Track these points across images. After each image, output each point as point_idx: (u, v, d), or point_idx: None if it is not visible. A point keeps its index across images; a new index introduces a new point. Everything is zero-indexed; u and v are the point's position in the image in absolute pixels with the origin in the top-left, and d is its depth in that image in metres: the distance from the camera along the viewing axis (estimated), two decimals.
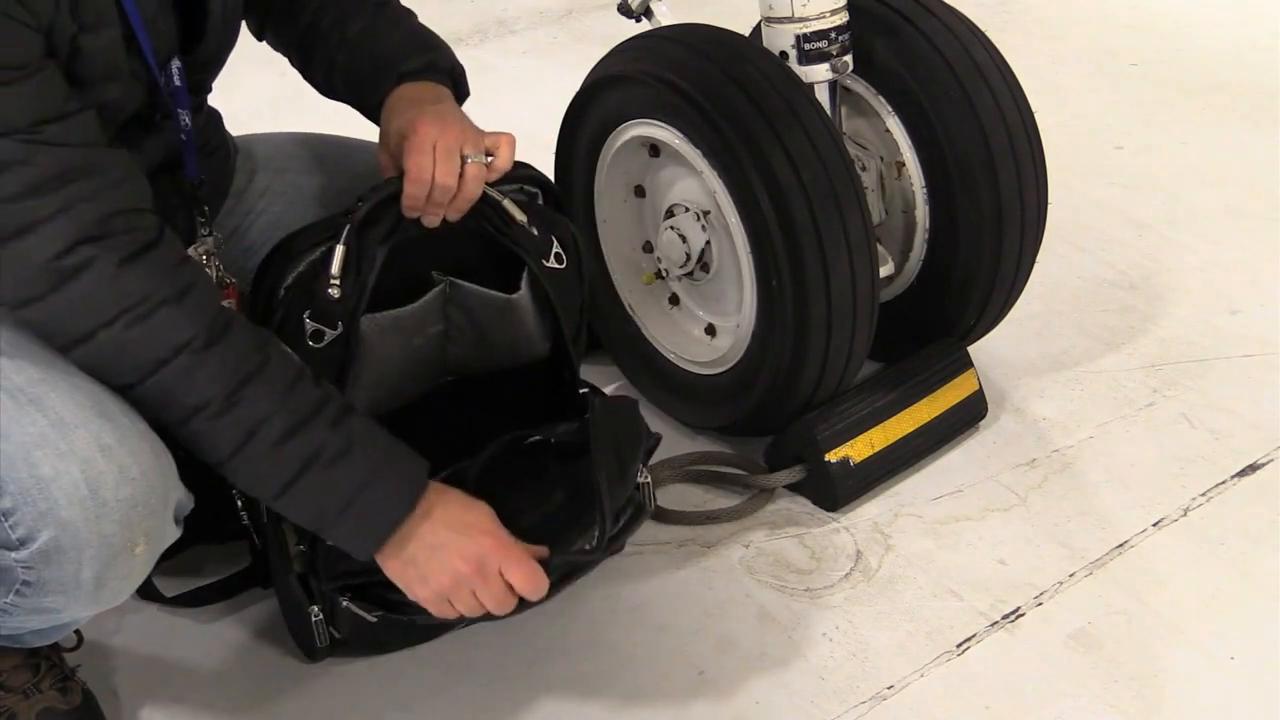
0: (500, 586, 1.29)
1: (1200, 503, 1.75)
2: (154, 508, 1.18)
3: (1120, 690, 1.48)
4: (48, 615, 1.22)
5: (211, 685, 1.50)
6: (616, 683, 1.50)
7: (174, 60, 1.34)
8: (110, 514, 1.14)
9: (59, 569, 1.15)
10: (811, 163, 1.59)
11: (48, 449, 1.13)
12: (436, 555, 1.27)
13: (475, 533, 1.28)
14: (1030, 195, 1.78)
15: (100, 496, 1.14)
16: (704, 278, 1.79)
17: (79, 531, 1.14)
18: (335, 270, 1.33)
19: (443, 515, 1.28)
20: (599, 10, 3.33)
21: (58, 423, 1.14)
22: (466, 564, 1.27)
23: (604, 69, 1.80)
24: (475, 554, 1.27)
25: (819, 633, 1.56)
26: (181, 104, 1.35)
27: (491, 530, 1.30)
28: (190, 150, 1.38)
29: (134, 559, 1.18)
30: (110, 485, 1.14)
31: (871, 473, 1.75)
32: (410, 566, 1.28)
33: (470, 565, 1.27)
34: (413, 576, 1.28)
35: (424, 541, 1.27)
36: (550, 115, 1.90)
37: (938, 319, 1.86)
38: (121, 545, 1.16)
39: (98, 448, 1.14)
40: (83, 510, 1.13)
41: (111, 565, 1.17)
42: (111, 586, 1.19)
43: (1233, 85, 2.94)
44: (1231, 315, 2.15)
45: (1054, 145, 1.87)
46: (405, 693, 1.48)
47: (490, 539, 1.29)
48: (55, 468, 1.13)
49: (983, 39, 1.79)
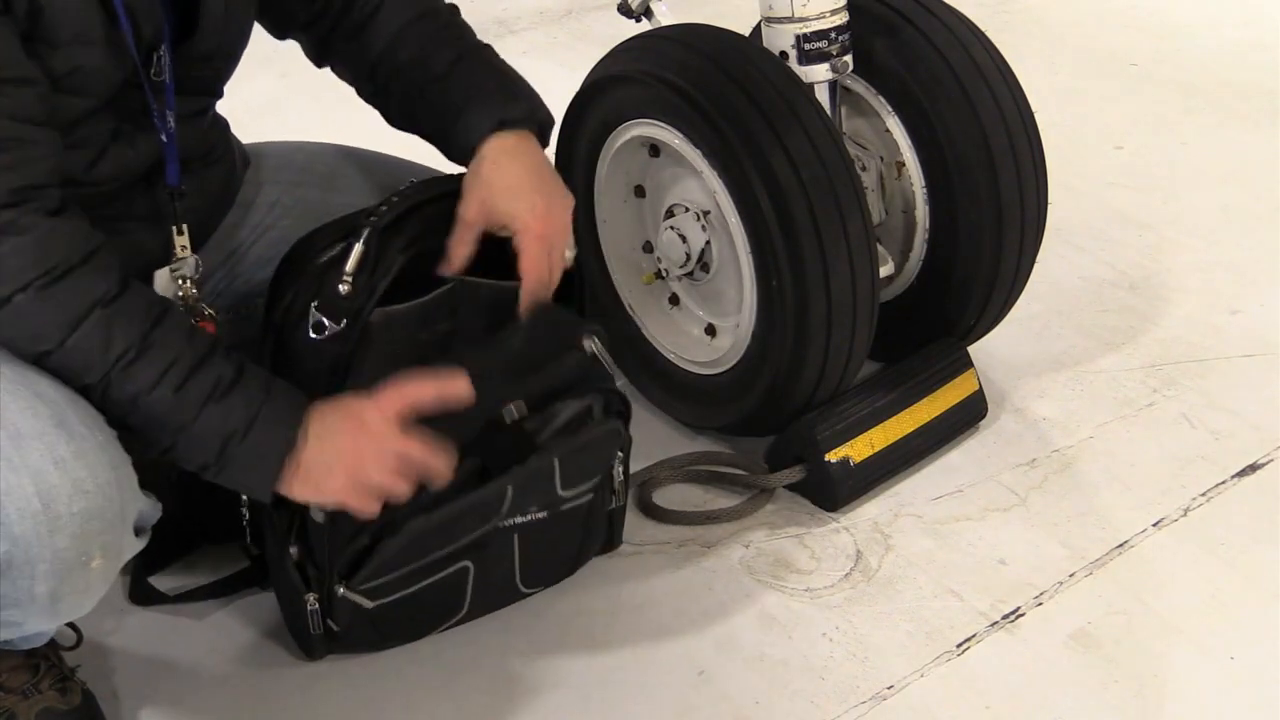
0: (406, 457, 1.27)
1: (1200, 503, 1.75)
2: (110, 521, 1.17)
3: (1120, 690, 1.48)
4: (10, 628, 1.22)
5: (211, 685, 1.50)
6: (617, 683, 1.50)
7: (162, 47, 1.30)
8: (64, 529, 1.13)
9: (12, 584, 1.14)
10: (811, 163, 1.59)
11: (1, 462, 1.11)
12: (329, 462, 1.25)
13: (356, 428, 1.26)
14: (1030, 195, 1.78)
15: (53, 510, 1.12)
16: (704, 278, 1.79)
17: (31, 546, 1.12)
18: (350, 267, 1.33)
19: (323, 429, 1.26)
20: (599, 10, 3.33)
21: (13, 435, 1.12)
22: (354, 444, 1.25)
23: (604, 69, 1.80)
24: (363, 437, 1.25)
25: (819, 633, 1.56)
26: (168, 102, 1.32)
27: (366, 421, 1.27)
28: (172, 155, 1.36)
29: (89, 573, 1.17)
30: (64, 499, 1.13)
31: (871, 473, 1.75)
32: (309, 472, 1.25)
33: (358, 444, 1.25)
34: (316, 493, 1.27)
35: (313, 459, 1.25)
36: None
37: (938, 319, 1.86)
38: (75, 559, 1.15)
39: (51, 461, 1.13)
40: (34, 525, 1.12)
41: (66, 579, 1.15)
42: (67, 600, 1.18)
43: (1233, 85, 2.94)
44: (1231, 315, 2.15)
45: (1054, 145, 1.87)
46: (405, 692, 1.48)
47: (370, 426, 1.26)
48: (8, 481, 1.11)
49: (983, 39, 1.79)
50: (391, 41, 1.46)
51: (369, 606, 1.41)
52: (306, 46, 1.53)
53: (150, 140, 1.33)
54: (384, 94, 1.49)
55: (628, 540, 1.68)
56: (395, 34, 1.46)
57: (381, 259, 1.35)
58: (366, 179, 1.62)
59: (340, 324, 1.35)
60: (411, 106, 1.47)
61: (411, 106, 1.47)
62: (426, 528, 1.36)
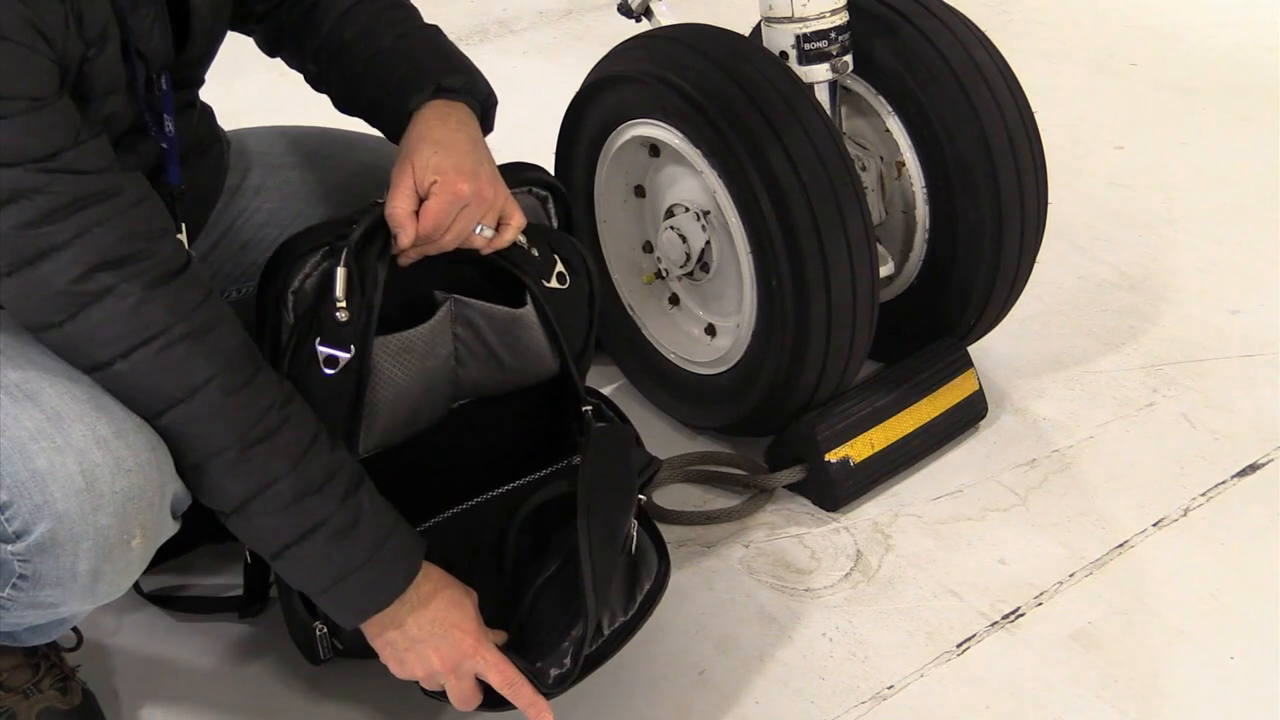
0: (470, 686, 1.32)
1: (1200, 503, 1.75)
2: (150, 500, 1.18)
3: (1120, 690, 1.48)
4: (45, 610, 1.22)
5: (211, 685, 1.50)
6: (616, 683, 1.50)
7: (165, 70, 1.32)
8: (106, 506, 1.14)
9: (55, 562, 1.15)
10: (811, 163, 1.59)
11: (44, 442, 1.13)
12: (415, 647, 1.30)
13: (457, 633, 1.30)
14: (1030, 195, 1.78)
15: (96, 489, 1.14)
16: (704, 278, 1.79)
17: (75, 524, 1.13)
18: (339, 293, 1.31)
19: (429, 611, 1.30)
20: (599, 10, 3.34)
21: (54, 416, 1.14)
22: (442, 662, 1.30)
23: (604, 69, 1.80)
24: (452, 655, 1.30)
25: (819, 633, 1.56)
26: (167, 110, 1.33)
27: (473, 632, 1.31)
28: (173, 158, 1.36)
29: (130, 551, 1.18)
30: (106, 478, 1.14)
31: (871, 473, 1.75)
32: (389, 648, 1.31)
33: (446, 664, 1.30)
34: (389, 656, 1.32)
35: (407, 631, 1.29)
36: (550, 115, 1.91)
37: (938, 319, 1.86)
38: (118, 538, 1.16)
39: (94, 440, 1.14)
40: (79, 503, 1.13)
41: (108, 558, 1.16)
42: (108, 579, 1.19)
43: (1233, 85, 2.94)
44: (1231, 315, 2.15)
45: (1054, 145, 1.87)
46: (404, 691, 1.48)
47: (471, 641, 1.30)
48: (51, 461, 1.12)
49: (983, 39, 1.79)
50: (338, 20, 1.47)
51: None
52: (260, 37, 1.53)
53: (148, 145, 1.34)
54: (329, 73, 1.49)
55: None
56: (342, 13, 1.47)
57: (365, 274, 1.33)
58: (348, 158, 1.62)
59: (350, 350, 1.33)
60: (355, 83, 1.47)
61: (355, 83, 1.47)
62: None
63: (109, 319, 1.14)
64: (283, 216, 1.57)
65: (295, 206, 1.58)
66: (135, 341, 1.15)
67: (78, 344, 1.15)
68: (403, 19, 1.48)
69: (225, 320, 1.20)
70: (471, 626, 1.31)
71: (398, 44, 1.45)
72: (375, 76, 1.44)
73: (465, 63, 1.46)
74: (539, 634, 1.36)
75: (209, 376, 1.17)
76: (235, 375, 1.19)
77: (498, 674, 1.30)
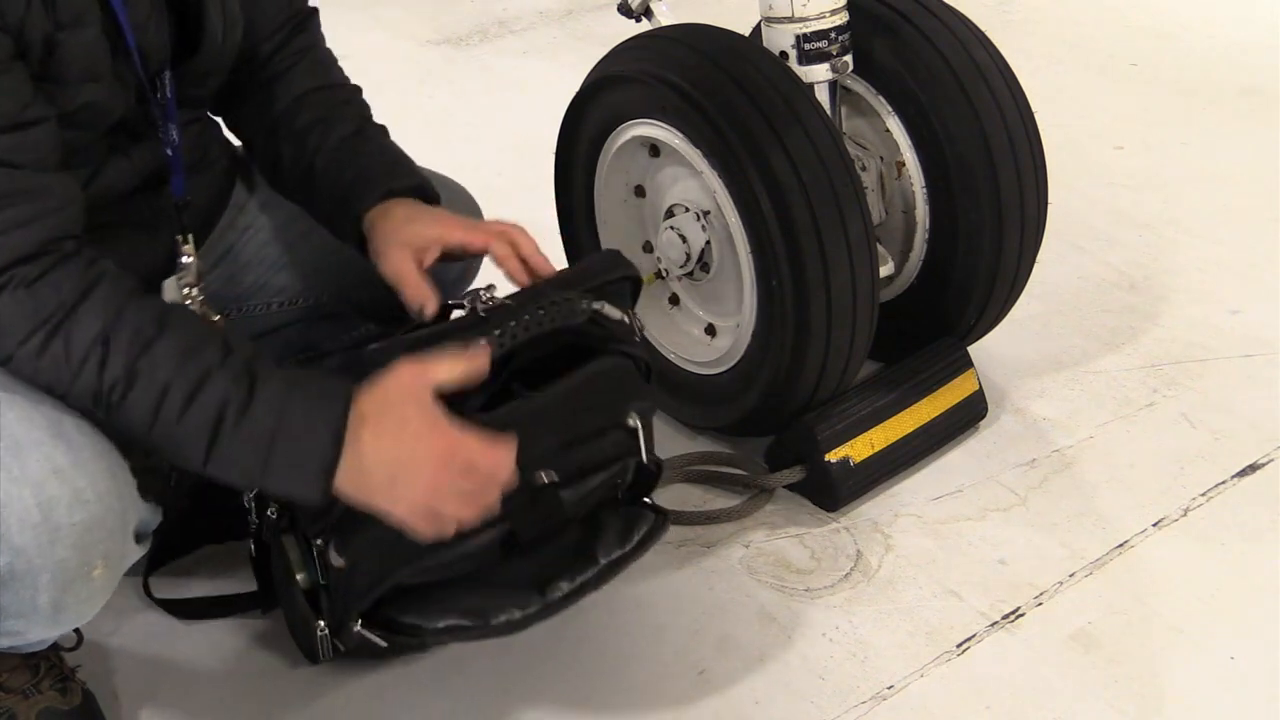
0: (478, 476, 1.20)
1: (1200, 503, 1.75)
2: (111, 529, 1.17)
3: (1120, 690, 1.48)
4: (12, 637, 1.22)
5: (211, 685, 1.50)
6: (617, 683, 1.50)
7: (166, 71, 1.32)
8: (64, 539, 1.13)
9: (15, 595, 1.14)
10: (811, 163, 1.59)
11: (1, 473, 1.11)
12: (398, 472, 1.17)
13: (425, 434, 1.18)
14: (1030, 195, 1.78)
15: (53, 521, 1.12)
16: (704, 278, 1.79)
17: (32, 558, 1.12)
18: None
19: (381, 426, 1.17)
20: (599, 10, 3.33)
21: (11, 446, 1.12)
22: (432, 465, 1.17)
23: (604, 69, 1.80)
24: (436, 453, 1.18)
25: (819, 633, 1.56)
26: (170, 117, 1.33)
27: (434, 423, 1.19)
28: (177, 168, 1.36)
29: (92, 582, 1.17)
30: (63, 510, 1.13)
31: (871, 473, 1.75)
32: (376, 493, 1.18)
33: (436, 464, 1.18)
34: (382, 501, 1.19)
35: (376, 461, 1.17)
36: (550, 115, 1.91)
37: (938, 319, 1.86)
38: (77, 570, 1.15)
39: (51, 470, 1.13)
40: (35, 536, 1.12)
41: (69, 590, 1.15)
42: (71, 610, 1.18)
43: (1233, 85, 2.94)
44: (1231, 315, 2.15)
45: (1054, 145, 1.87)
46: (406, 692, 1.48)
47: (440, 435, 1.18)
48: (7, 493, 1.11)
49: (983, 39, 1.79)
50: (294, 102, 1.48)
51: (382, 645, 1.38)
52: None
53: (145, 151, 1.34)
54: (276, 154, 1.49)
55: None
56: (300, 96, 1.48)
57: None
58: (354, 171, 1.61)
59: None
60: (298, 172, 1.47)
61: (298, 172, 1.47)
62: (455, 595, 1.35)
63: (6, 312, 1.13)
64: (286, 235, 1.56)
65: (296, 222, 1.57)
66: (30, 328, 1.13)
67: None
68: (356, 115, 1.50)
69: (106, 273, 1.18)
70: (430, 417, 1.19)
71: (348, 144, 1.46)
72: (322, 174, 1.45)
73: (411, 167, 1.48)
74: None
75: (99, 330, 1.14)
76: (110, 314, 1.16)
77: (489, 453, 1.20)
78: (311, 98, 1.48)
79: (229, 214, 1.57)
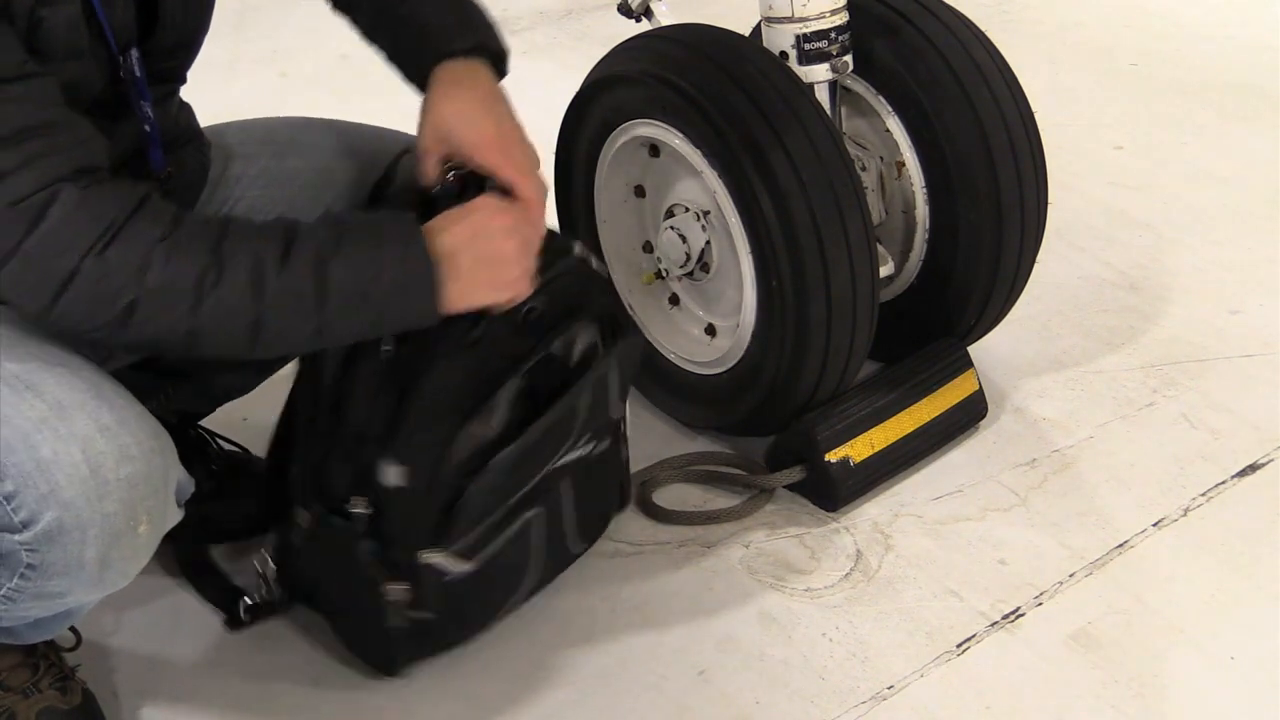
0: (540, 226, 1.35)
1: (1200, 503, 1.75)
2: (155, 486, 1.19)
3: (1120, 690, 1.48)
4: (51, 600, 1.22)
5: (211, 685, 1.50)
6: (617, 683, 1.50)
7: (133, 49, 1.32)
8: (112, 493, 1.15)
9: (63, 550, 1.16)
10: (811, 163, 1.59)
11: (47, 432, 1.14)
12: (479, 242, 1.28)
13: (479, 214, 1.30)
14: (1030, 195, 1.78)
15: (101, 476, 1.14)
16: (704, 278, 1.79)
17: (81, 512, 1.14)
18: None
19: (451, 225, 1.28)
20: (599, 10, 3.33)
21: (56, 406, 1.15)
22: (505, 235, 1.29)
23: (604, 69, 1.80)
24: (503, 224, 1.30)
25: (819, 633, 1.56)
26: (142, 94, 1.34)
27: (501, 208, 1.31)
28: (155, 142, 1.37)
29: (137, 538, 1.19)
30: (111, 465, 1.15)
31: (871, 473, 1.75)
32: (470, 278, 1.27)
33: (511, 237, 1.30)
34: (483, 280, 1.29)
35: (459, 247, 1.26)
36: (550, 115, 1.90)
37: (938, 319, 1.86)
38: (124, 524, 1.17)
39: (97, 428, 1.15)
40: (84, 490, 1.14)
41: (115, 545, 1.17)
42: (116, 567, 1.19)
43: (1233, 85, 2.94)
44: (1231, 315, 2.15)
45: (1054, 145, 1.87)
46: (405, 692, 1.48)
47: (494, 211, 1.31)
48: (55, 450, 1.13)
49: (983, 39, 1.79)
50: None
51: (452, 573, 1.40)
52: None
53: (124, 129, 1.34)
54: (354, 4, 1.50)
55: (628, 540, 1.68)
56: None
57: None
58: (325, 144, 1.62)
59: None
60: (375, 20, 1.49)
61: (375, 20, 1.49)
62: (510, 461, 1.39)
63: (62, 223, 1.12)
64: (266, 204, 1.57)
65: (277, 193, 1.58)
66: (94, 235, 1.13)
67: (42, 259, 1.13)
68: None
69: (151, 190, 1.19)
70: (496, 208, 1.31)
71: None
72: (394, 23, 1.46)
73: (479, 19, 1.48)
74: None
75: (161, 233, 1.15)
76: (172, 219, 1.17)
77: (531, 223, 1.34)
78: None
79: (208, 189, 1.58)
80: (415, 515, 1.36)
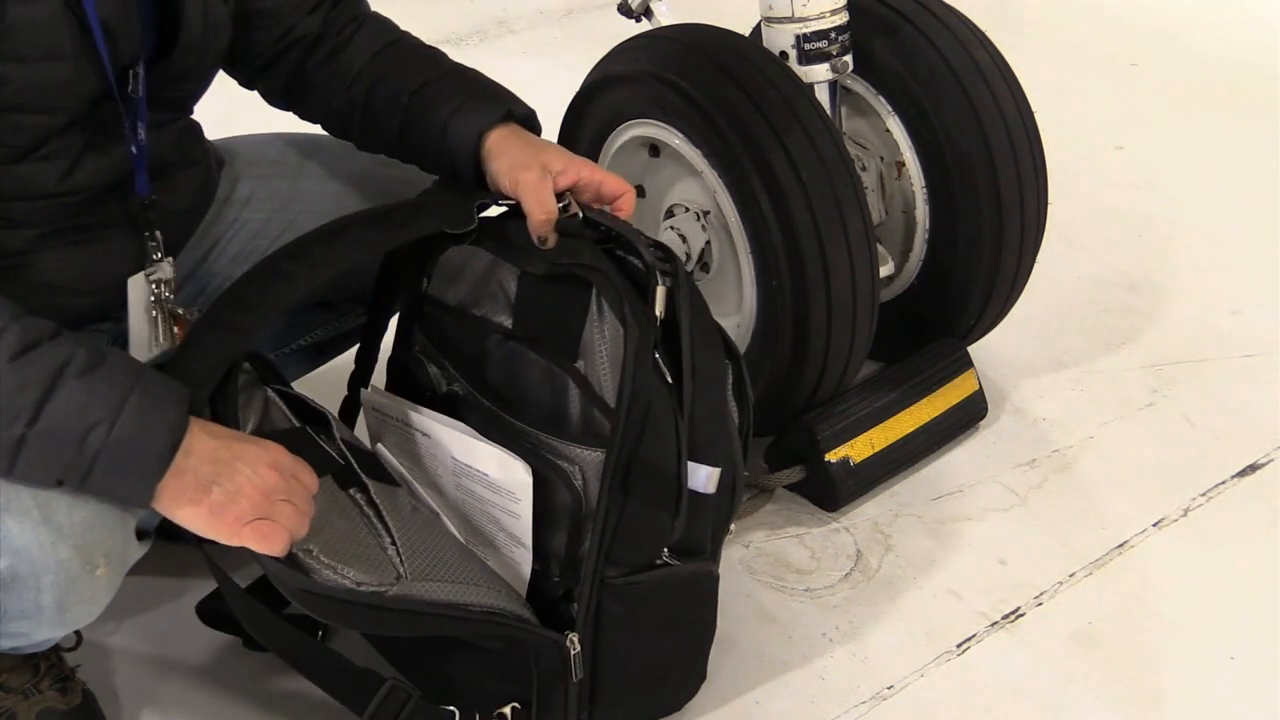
0: (304, 491, 1.18)
1: (1200, 503, 1.75)
2: (112, 528, 1.16)
3: (1120, 690, 1.48)
4: (17, 639, 1.21)
5: (211, 685, 1.50)
6: None
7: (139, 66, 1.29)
8: (66, 539, 1.12)
9: (18, 597, 1.14)
10: (811, 163, 1.59)
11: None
12: (232, 466, 1.13)
13: (248, 442, 1.17)
14: (1030, 195, 1.78)
15: (54, 522, 1.12)
16: (704, 278, 1.79)
17: (34, 559, 1.12)
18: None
19: (213, 429, 1.15)
20: (599, 10, 3.33)
21: None
22: (268, 468, 1.15)
23: (604, 69, 1.80)
24: (269, 458, 1.15)
25: (819, 633, 1.56)
26: (140, 115, 1.31)
27: (258, 440, 1.18)
28: (141, 166, 1.34)
29: (95, 581, 1.16)
30: (64, 510, 1.12)
31: (871, 473, 1.75)
32: (203, 490, 1.12)
33: (270, 468, 1.15)
34: (208, 498, 1.12)
35: (209, 457, 1.12)
36: (550, 115, 1.90)
37: (938, 319, 1.86)
38: (80, 570, 1.14)
39: None
40: (36, 537, 1.11)
41: (72, 589, 1.15)
42: (75, 610, 1.17)
43: (1233, 85, 2.94)
44: (1231, 315, 2.15)
45: (1054, 145, 1.87)
46: None
47: (260, 447, 1.16)
48: (6, 496, 1.10)
49: (983, 39, 1.79)
50: (369, 61, 1.46)
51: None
52: (273, 84, 1.50)
53: (123, 149, 1.32)
54: (361, 110, 1.47)
55: None
56: (375, 53, 1.46)
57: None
58: (337, 168, 1.60)
59: None
60: (400, 113, 1.45)
61: (400, 113, 1.45)
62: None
63: None
64: (274, 227, 1.56)
65: (286, 217, 1.56)
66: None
67: None
68: (429, 58, 1.48)
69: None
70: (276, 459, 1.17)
71: (448, 75, 1.45)
72: (430, 102, 1.43)
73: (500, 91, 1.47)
74: None
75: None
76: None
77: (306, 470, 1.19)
78: (385, 52, 1.47)
79: (214, 209, 1.56)
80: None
